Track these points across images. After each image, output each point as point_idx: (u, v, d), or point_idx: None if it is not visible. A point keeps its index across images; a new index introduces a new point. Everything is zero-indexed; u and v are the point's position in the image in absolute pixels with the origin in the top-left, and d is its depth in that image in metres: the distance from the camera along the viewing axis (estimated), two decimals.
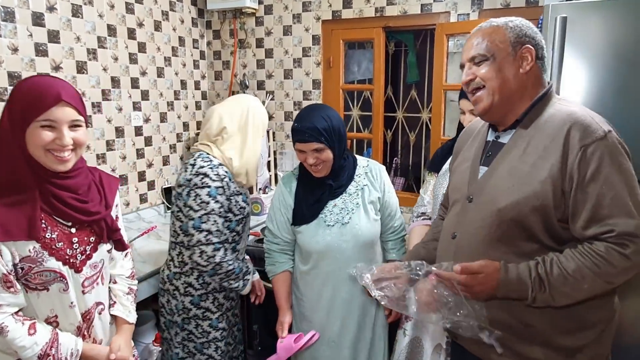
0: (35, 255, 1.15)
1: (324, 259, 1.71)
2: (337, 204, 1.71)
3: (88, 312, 1.31)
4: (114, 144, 2.55)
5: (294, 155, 3.07)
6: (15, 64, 2.02)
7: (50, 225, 1.18)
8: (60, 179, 1.18)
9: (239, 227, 1.78)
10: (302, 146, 1.60)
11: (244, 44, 3.12)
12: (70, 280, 1.22)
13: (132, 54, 2.63)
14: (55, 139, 1.13)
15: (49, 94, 1.12)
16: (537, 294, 1.07)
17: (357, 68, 3.17)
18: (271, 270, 1.82)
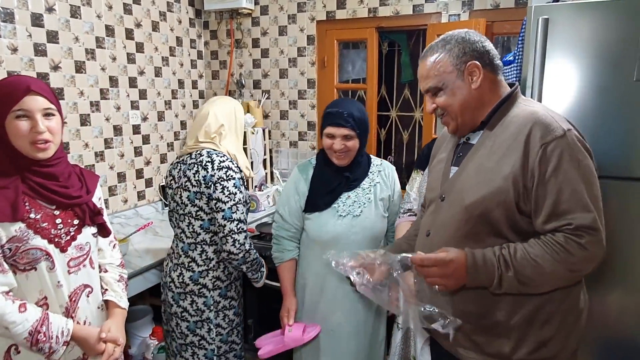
0: (21, 235, 1.22)
1: (331, 248, 1.73)
2: (351, 196, 1.78)
3: (74, 292, 1.36)
4: (112, 142, 2.61)
5: (289, 154, 3.12)
6: (14, 63, 2.08)
7: (34, 207, 1.26)
8: (42, 166, 1.27)
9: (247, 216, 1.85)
10: (334, 130, 1.68)
11: (240, 44, 3.17)
12: (56, 259, 1.29)
13: (130, 54, 2.68)
14: (32, 128, 1.22)
15: (19, 86, 1.23)
16: (502, 274, 1.10)
17: (352, 67, 3.22)
18: (278, 257, 1.87)
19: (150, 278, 2.09)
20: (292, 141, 3.13)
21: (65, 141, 2.34)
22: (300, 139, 3.11)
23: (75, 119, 2.39)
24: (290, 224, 1.84)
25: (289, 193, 1.85)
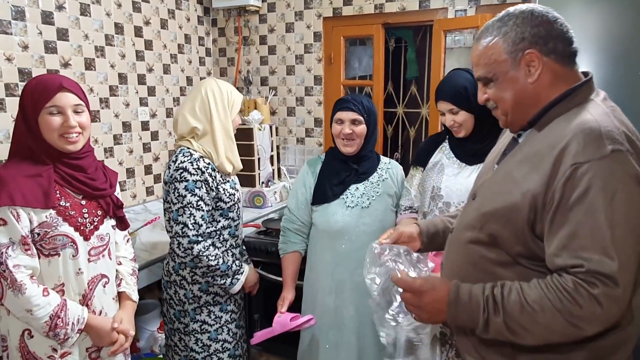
0: (51, 221, 1.29)
1: (339, 239, 1.78)
2: (360, 188, 1.82)
3: (91, 281, 1.41)
4: (121, 138, 2.65)
5: (296, 150, 3.13)
6: (25, 60, 2.12)
7: (63, 195, 1.34)
8: (72, 158, 1.35)
9: (232, 213, 1.82)
10: (343, 114, 1.75)
11: (248, 41, 3.19)
12: (79, 247, 1.35)
13: (139, 52, 2.72)
14: (64, 122, 1.30)
15: (52, 84, 1.32)
16: (489, 316, 0.93)
17: (358, 64, 3.22)
18: (283, 248, 1.90)
19: (157, 272, 2.11)
20: (299, 138, 3.15)
21: None
22: (307, 135, 3.12)
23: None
24: (296, 217, 1.88)
25: (297, 186, 1.91)
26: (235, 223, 1.85)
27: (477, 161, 1.67)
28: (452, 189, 1.67)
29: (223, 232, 1.81)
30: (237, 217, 1.85)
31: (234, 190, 1.82)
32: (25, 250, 1.26)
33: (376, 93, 2.91)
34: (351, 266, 1.79)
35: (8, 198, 1.24)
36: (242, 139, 2.88)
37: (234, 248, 1.87)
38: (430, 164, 1.78)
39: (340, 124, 1.77)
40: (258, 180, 2.95)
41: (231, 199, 1.79)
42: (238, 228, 1.88)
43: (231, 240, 1.85)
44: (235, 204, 1.83)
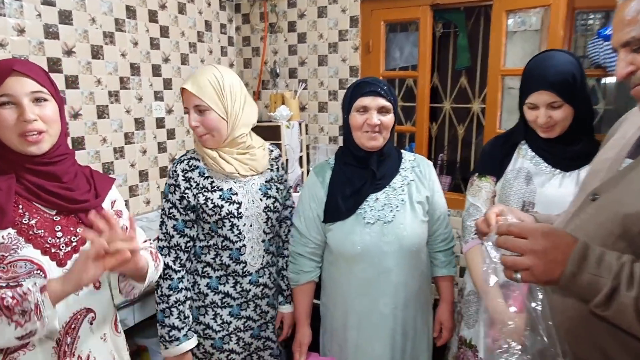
0: (9, 242, 1.01)
1: (359, 263, 1.46)
2: (380, 198, 1.46)
3: (73, 318, 1.10)
4: (133, 136, 2.35)
5: (328, 150, 2.79)
6: (21, 46, 1.83)
7: (28, 211, 1.06)
8: (39, 164, 1.07)
9: (224, 231, 1.46)
10: (368, 101, 1.41)
11: (274, 28, 2.86)
12: (50, 276, 1.04)
13: (153, 39, 2.41)
14: (19, 116, 1.02)
15: (0, 68, 1.01)
16: (620, 287, 0.75)
17: (400, 53, 2.86)
18: (294, 278, 1.59)
19: None
20: (332, 136, 2.80)
21: (80, 135, 2.09)
22: (341, 133, 2.77)
23: (92, 110, 2.13)
24: (307, 238, 1.53)
25: (304, 201, 1.54)
26: (236, 245, 1.48)
27: (575, 166, 1.31)
28: (551, 202, 1.29)
29: (221, 254, 1.48)
30: (237, 238, 1.48)
31: (226, 202, 1.45)
32: None
33: (421, 86, 2.53)
34: (375, 295, 1.46)
35: None
36: (268, 137, 2.53)
37: (239, 277, 1.51)
38: (510, 173, 1.40)
39: (363, 112, 1.42)
40: None
41: (215, 211, 1.44)
42: (244, 252, 1.50)
43: (235, 266, 1.49)
44: (227, 220, 1.45)
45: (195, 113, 1.41)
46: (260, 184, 1.54)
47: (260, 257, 1.53)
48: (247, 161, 1.48)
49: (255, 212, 1.50)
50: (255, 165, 1.51)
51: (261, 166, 1.53)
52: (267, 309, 1.59)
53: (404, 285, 1.47)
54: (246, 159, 1.49)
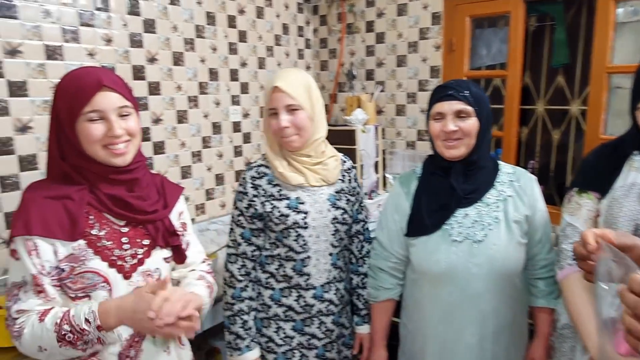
0: (79, 253, 1.02)
1: (444, 285, 1.32)
2: (470, 214, 1.32)
3: (138, 333, 1.09)
4: (210, 140, 2.39)
5: (405, 156, 2.65)
6: (109, 55, 1.92)
7: (98, 221, 1.06)
8: (118, 173, 1.08)
9: (289, 240, 1.40)
10: (444, 106, 1.29)
11: (352, 29, 2.77)
12: (115, 288, 1.05)
13: (231, 44, 2.44)
14: (107, 131, 1.02)
15: (88, 82, 1.01)
16: None
17: (486, 51, 2.63)
18: (372, 294, 1.49)
19: None
20: (409, 141, 2.65)
21: (161, 140, 2.16)
22: (420, 138, 2.61)
23: (172, 115, 2.20)
24: (389, 252, 1.42)
25: (387, 212, 1.44)
26: (300, 256, 1.41)
27: None
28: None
29: (284, 265, 1.42)
30: (301, 249, 1.41)
31: (292, 212, 1.39)
32: (37, 292, 0.98)
33: (510, 86, 2.31)
34: (460, 323, 1.31)
35: (23, 227, 0.97)
36: (343, 142, 2.48)
37: (302, 290, 1.44)
38: (620, 190, 1.18)
39: (440, 119, 1.30)
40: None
41: (281, 220, 1.38)
42: (308, 263, 1.42)
43: (298, 278, 1.43)
44: (293, 230, 1.39)
45: (286, 113, 1.35)
46: (330, 194, 1.45)
47: (326, 270, 1.45)
48: (320, 171, 1.42)
49: (322, 223, 1.42)
50: (327, 175, 1.44)
51: (333, 177, 1.45)
52: (332, 327, 1.50)
53: (494, 313, 1.31)
54: (319, 168, 1.43)
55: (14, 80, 1.66)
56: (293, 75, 1.39)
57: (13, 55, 1.65)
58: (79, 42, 1.82)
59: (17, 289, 0.98)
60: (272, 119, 1.37)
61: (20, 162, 1.70)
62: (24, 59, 1.68)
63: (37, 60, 1.71)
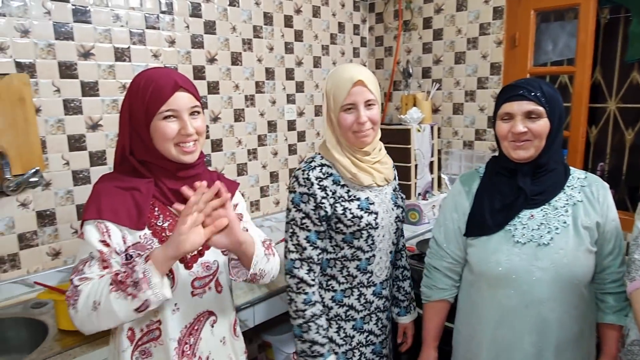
0: (145, 242, 1.07)
1: (504, 289, 1.27)
2: (535, 216, 1.26)
3: (197, 320, 1.15)
4: (266, 138, 2.44)
5: (462, 156, 2.57)
6: (172, 57, 2.01)
7: (163, 213, 1.12)
8: (184, 170, 1.13)
9: (359, 242, 1.39)
10: (513, 106, 1.23)
11: (409, 26, 2.72)
12: (177, 277, 1.10)
13: (287, 43, 2.47)
14: (180, 130, 1.08)
15: (167, 83, 1.07)
16: None
17: (552, 46, 2.49)
18: (426, 293, 1.47)
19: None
20: (467, 141, 2.57)
21: (219, 137, 2.23)
22: (478, 138, 2.52)
23: (230, 114, 2.26)
24: (445, 252, 1.39)
25: (446, 211, 1.41)
26: (366, 255, 1.41)
27: None
28: None
29: (348, 265, 1.42)
30: (369, 248, 1.41)
31: (365, 213, 1.37)
32: (103, 267, 1.02)
33: (578, 83, 2.18)
34: (522, 329, 1.25)
35: (95, 212, 1.03)
36: (397, 141, 2.44)
37: (364, 287, 1.44)
38: None
39: (508, 120, 1.25)
40: (414, 192, 2.48)
41: (354, 222, 1.36)
42: (372, 262, 1.43)
43: (361, 277, 1.43)
44: (365, 231, 1.38)
45: (365, 108, 1.33)
46: (391, 193, 1.47)
47: (386, 268, 1.48)
48: (382, 170, 1.42)
49: (389, 222, 1.43)
50: (388, 174, 1.45)
51: (391, 175, 1.48)
52: (386, 322, 1.54)
53: (557, 323, 1.25)
54: (380, 167, 1.43)
55: (87, 81, 1.77)
56: (364, 69, 1.36)
57: (86, 58, 1.76)
58: (144, 44, 1.91)
59: (82, 265, 1.02)
60: (348, 114, 1.32)
61: (90, 157, 1.81)
62: (96, 60, 1.79)
63: (107, 62, 1.82)
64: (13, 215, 1.65)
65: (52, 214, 1.74)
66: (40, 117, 1.68)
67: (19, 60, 1.61)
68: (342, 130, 1.34)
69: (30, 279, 1.68)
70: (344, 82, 1.32)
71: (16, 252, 1.67)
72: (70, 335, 1.41)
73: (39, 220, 1.71)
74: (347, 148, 1.37)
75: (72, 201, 1.78)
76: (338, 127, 1.35)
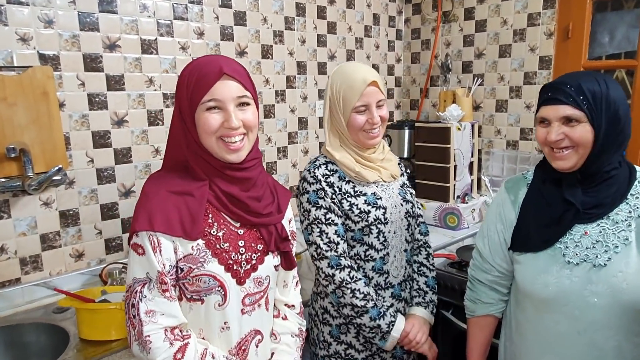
0: (198, 254, 0.97)
1: (552, 313, 1.12)
2: (591, 232, 1.10)
3: (244, 340, 1.05)
4: (296, 136, 2.32)
5: (505, 157, 2.40)
6: (200, 49, 1.91)
7: (217, 221, 1.00)
8: (233, 170, 1.01)
9: (370, 238, 1.35)
10: (548, 111, 1.09)
11: (448, 17, 2.55)
12: (229, 293, 0.99)
13: (320, 36, 2.34)
14: (224, 122, 0.96)
15: (209, 70, 0.96)
16: None
17: (609, 38, 2.29)
18: (469, 307, 1.34)
19: None
20: (511, 140, 2.39)
21: None
22: (523, 137, 2.35)
23: (260, 110, 2.14)
24: (490, 265, 1.26)
25: (490, 221, 1.27)
26: (380, 254, 1.36)
27: None
28: None
29: (363, 266, 1.36)
30: (381, 246, 1.35)
31: (372, 207, 1.35)
32: (162, 291, 0.93)
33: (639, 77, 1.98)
34: (572, 357, 1.11)
35: (147, 222, 0.92)
36: (435, 140, 2.29)
37: (381, 290, 1.39)
38: None
39: (545, 126, 1.11)
40: (452, 194, 2.32)
41: (362, 217, 1.32)
42: (387, 261, 1.39)
43: (377, 278, 1.38)
44: (374, 226, 1.33)
45: (377, 108, 1.33)
46: (399, 189, 1.45)
47: (402, 267, 1.43)
48: (388, 166, 1.42)
49: (398, 218, 1.41)
50: (394, 170, 1.44)
51: (397, 171, 1.46)
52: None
53: (615, 352, 1.09)
54: (386, 164, 1.42)
55: (112, 75, 1.69)
56: (371, 68, 1.37)
57: (112, 50, 1.67)
58: (172, 36, 1.82)
59: (140, 286, 0.94)
60: (361, 115, 1.32)
61: (115, 155, 1.73)
62: (122, 53, 1.70)
63: (134, 55, 1.73)
64: (35, 215, 1.58)
65: (76, 213, 1.66)
66: (64, 112, 1.60)
67: (42, 52, 1.53)
68: (351, 131, 1.34)
69: (53, 281, 1.61)
70: (356, 83, 1.30)
71: (38, 254, 1.60)
72: (92, 345, 1.33)
73: (62, 220, 1.63)
74: (353, 147, 1.36)
75: (97, 200, 1.70)
76: (346, 127, 1.34)
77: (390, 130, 2.51)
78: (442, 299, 1.79)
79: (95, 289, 1.49)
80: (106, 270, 1.64)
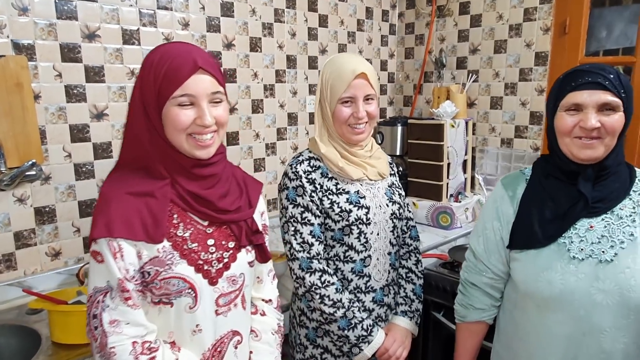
0: (165, 257, 0.91)
1: (555, 313, 1.07)
2: (596, 227, 1.06)
3: (220, 342, 0.99)
4: (286, 132, 2.26)
5: (499, 155, 2.35)
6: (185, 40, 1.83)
7: (183, 221, 0.95)
8: (200, 167, 0.96)
9: (350, 239, 1.29)
10: (584, 96, 1.02)
11: (443, 12, 2.50)
12: (200, 295, 0.94)
13: (311, 29, 2.28)
14: (196, 119, 0.91)
15: (184, 63, 0.89)
16: None
17: (606, 33, 2.24)
18: (460, 312, 1.28)
19: None
20: (505, 138, 2.34)
21: (235, 130, 2.06)
22: (518, 135, 2.30)
23: (247, 105, 2.09)
24: (485, 265, 1.20)
25: (486, 218, 1.21)
26: (360, 256, 1.30)
27: None
28: None
29: (341, 268, 1.30)
30: (362, 247, 1.29)
31: (354, 207, 1.29)
32: (125, 299, 0.87)
33: (638, 74, 1.93)
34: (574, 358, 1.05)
35: (104, 227, 0.86)
36: (428, 137, 2.24)
37: (361, 293, 1.32)
38: None
39: (575, 113, 1.04)
40: (445, 193, 2.26)
41: (342, 217, 1.26)
42: (368, 264, 1.32)
43: (357, 281, 1.31)
44: (355, 226, 1.28)
45: (364, 103, 1.27)
46: (386, 189, 1.39)
47: (385, 271, 1.37)
48: (375, 164, 1.35)
49: (383, 219, 1.34)
50: (382, 168, 1.38)
51: (386, 170, 1.40)
52: None
53: (622, 355, 1.04)
54: (374, 162, 1.36)
55: (92, 66, 1.62)
56: (365, 60, 1.30)
57: (91, 40, 1.60)
58: (155, 26, 1.75)
59: (102, 295, 0.88)
60: (346, 107, 1.27)
61: (94, 149, 1.66)
62: (102, 43, 1.63)
63: (114, 45, 1.66)
64: (9, 212, 1.51)
65: (52, 210, 1.59)
66: (40, 104, 1.53)
67: (16, 40, 1.46)
68: (336, 123, 1.29)
69: (28, 281, 1.54)
70: (344, 74, 1.25)
71: (12, 252, 1.53)
72: (64, 348, 1.27)
73: (37, 217, 1.56)
74: (339, 141, 1.32)
75: (74, 197, 1.63)
76: (332, 119, 1.29)
77: (383, 127, 2.45)
78: (433, 300, 1.75)
79: (70, 290, 1.42)
80: (83, 269, 1.58)
